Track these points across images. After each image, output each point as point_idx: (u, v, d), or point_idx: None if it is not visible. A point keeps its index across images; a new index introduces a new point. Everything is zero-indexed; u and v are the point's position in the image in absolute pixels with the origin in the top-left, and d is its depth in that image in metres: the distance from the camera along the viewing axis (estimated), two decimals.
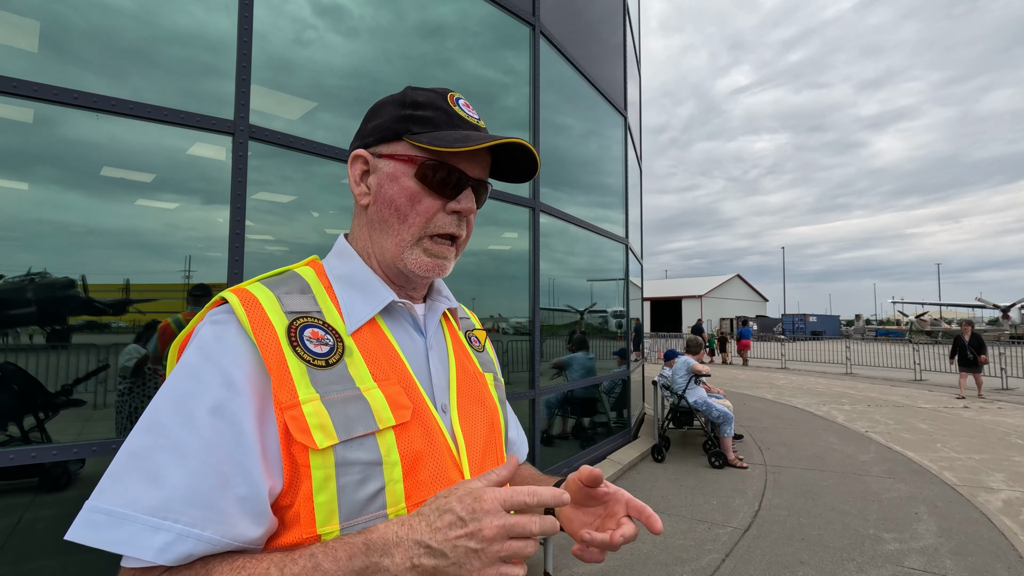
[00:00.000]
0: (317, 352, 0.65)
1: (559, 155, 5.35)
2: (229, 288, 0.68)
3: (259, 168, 2.70)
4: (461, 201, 0.73)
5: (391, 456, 0.64)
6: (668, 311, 48.61)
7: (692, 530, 3.99)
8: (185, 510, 0.54)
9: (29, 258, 2.16)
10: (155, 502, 0.53)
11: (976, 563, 3.45)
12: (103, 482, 0.56)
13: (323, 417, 0.61)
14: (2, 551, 2.04)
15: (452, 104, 0.75)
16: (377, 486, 0.63)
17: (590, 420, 5.95)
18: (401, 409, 0.66)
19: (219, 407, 0.58)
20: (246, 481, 0.57)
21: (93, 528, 0.53)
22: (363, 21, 3.64)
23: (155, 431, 0.57)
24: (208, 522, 0.54)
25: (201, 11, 2.61)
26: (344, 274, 0.75)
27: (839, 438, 6.99)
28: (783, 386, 12.53)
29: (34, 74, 2.10)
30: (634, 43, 8.05)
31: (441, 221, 0.74)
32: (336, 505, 0.61)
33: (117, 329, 2.38)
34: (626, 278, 7.10)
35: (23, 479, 2.13)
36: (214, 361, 0.60)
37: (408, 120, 0.73)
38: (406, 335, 0.76)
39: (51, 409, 2.18)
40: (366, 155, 0.75)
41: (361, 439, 0.62)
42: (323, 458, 0.60)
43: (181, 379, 0.60)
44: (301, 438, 0.60)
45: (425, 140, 0.71)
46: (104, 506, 0.54)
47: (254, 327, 0.63)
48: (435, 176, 0.71)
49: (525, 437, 1.03)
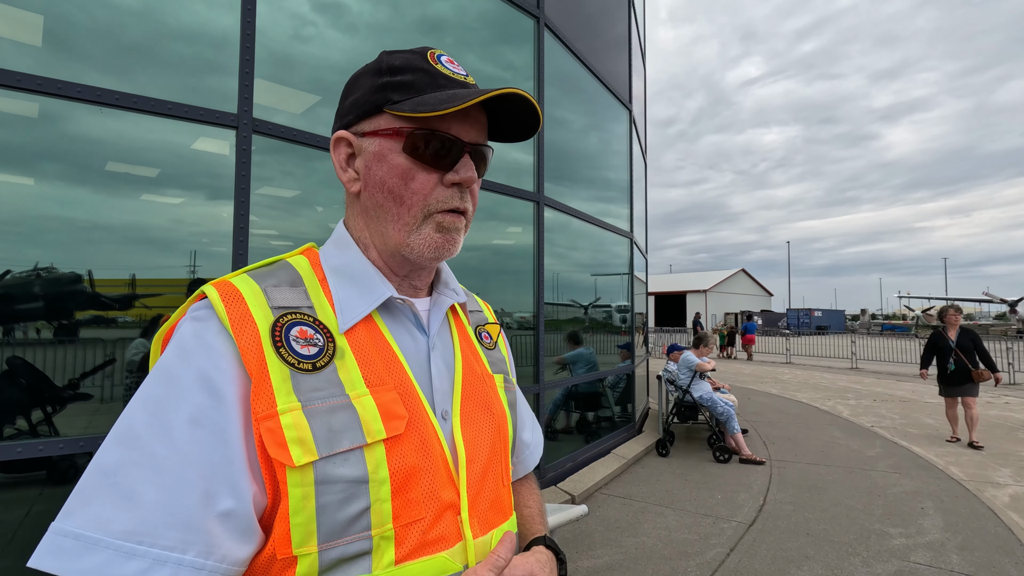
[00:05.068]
0: (303, 354, 0.58)
1: (563, 149, 5.33)
2: (212, 281, 0.62)
3: (262, 163, 2.71)
4: (460, 171, 0.65)
5: (379, 473, 0.57)
6: (672, 306, 48.51)
7: (697, 524, 3.99)
8: (163, 532, 0.49)
9: (36, 253, 2.17)
10: (128, 525, 0.48)
11: (983, 558, 3.44)
12: (71, 501, 0.50)
13: (303, 430, 0.55)
14: (11, 543, 2.06)
15: (434, 62, 0.66)
16: (362, 506, 0.56)
17: (594, 415, 5.95)
18: (394, 420, 0.60)
19: (198, 416, 0.53)
20: (232, 495, 0.52)
21: (60, 554, 0.48)
22: (361, 17, 3.63)
23: (128, 443, 0.52)
24: (189, 544, 0.49)
25: (204, 8, 2.60)
26: (339, 265, 0.68)
27: (844, 433, 6.97)
28: (788, 381, 12.48)
29: (38, 69, 2.10)
30: (639, 35, 7.99)
31: (442, 196, 0.66)
32: (315, 526, 0.55)
33: (124, 324, 2.39)
34: (630, 272, 7.08)
35: (31, 472, 2.15)
36: (193, 363, 0.55)
37: (386, 88, 0.64)
38: (406, 334, 0.69)
39: (58, 403, 2.20)
40: (348, 136, 0.68)
41: (346, 454, 0.56)
42: (301, 475, 0.54)
43: (157, 383, 0.55)
44: (276, 453, 0.53)
45: (407, 108, 0.62)
46: (72, 529, 0.48)
47: (234, 325, 0.57)
48: (426, 147, 0.63)
49: (541, 438, 0.94)
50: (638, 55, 7.84)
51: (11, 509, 2.12)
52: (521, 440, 0.86)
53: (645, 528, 3.93)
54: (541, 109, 0.68)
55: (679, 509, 4.31)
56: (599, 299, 6.32)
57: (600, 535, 3.81)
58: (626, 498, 4.57)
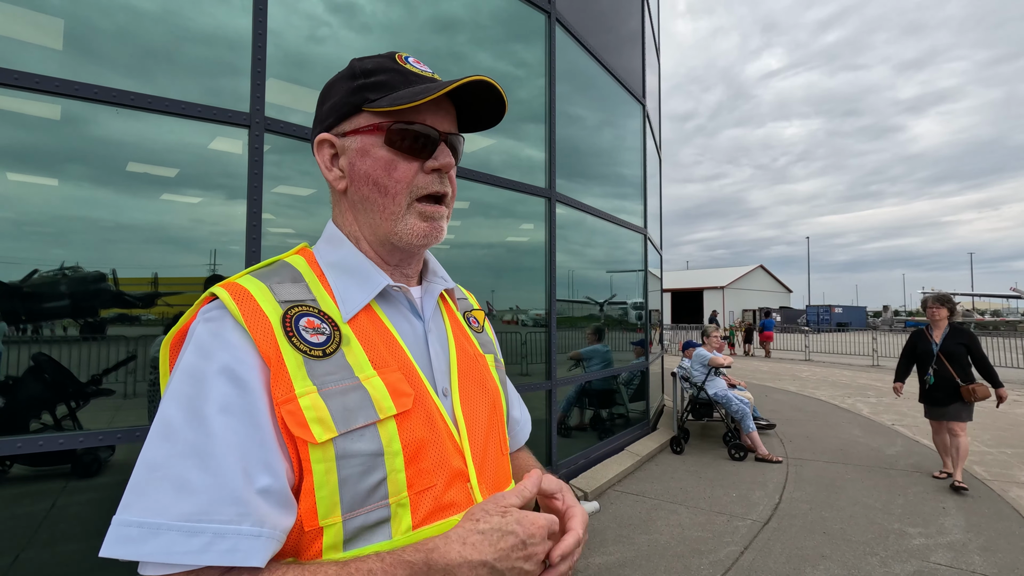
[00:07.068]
0: (314, 342, 0.63)
1: (576, 145, 5.31)
2: (219, 283, 0.66)
3: (279, 163, 2.75)
4: (438, 158, 0.71)
5: (393, 446, 0.63)
6: (689, 303, 48.03)
7: (711, 522, 3.97)
8: (218, 509, 0.53)
9: (62, 253, 2.24)
10: (186, 508, 0.53)
11: (1006, 559, 3.36)
12: (127, 496, 0.55)
13: (321, 410, 0.60)
14: (37, 534, 2.14)
15: (402, 63, 0.73)
16: (379, 476, 0.62)
17: (608, 411, 5.94)
18: (402, 397, 0.65)
19: (228, 405, 0.57)
20: (268, 472, 0.57)
21: (128, 542, 0.52)
22: (375, 17, 3.66)
23: (170, 438, 0.56)
24: (244, 516, 0.54)
25: (222, 11, 2.65)
26: (336, 261, 0.73)
27: (864, 431, 6.85)
28: (807, 378, 12.30)
29: (59, 72, 2.15)
30: (653, 29, 7.91)
31: (423, 182, 0.71)
32: (338, 498, 0.60)
33: (146, 322, 2.46)
34: (644, 269, 7.04)
35: (56, 465, 2.23)
36: (214, 359, 0.59)
37: (363, 89, 0.70)
38: (403, 319, 0.74)
39: (82, 398, 2.27)
40: (330, 138, 0.73)
41: (361, 430, 0.61)
42: (323, 452, 0.59)
43: (185, 382, 0.59)
44: (299, 432, 0.58)
45: (385, 104, 0.68)
46: (134, 519, 0.53)
47: (247, 320, 0.61)
48: (406, 139, 0.69)
49: (528, 415, 1.01)
50: (652, 49, 7.76)
51: (38, 501, 2.20)
52: (512, 417, 0.92)
53: (658, 525, 3.92)
54: (505, 95, 0.73)
55: (693, 507, 4.29)
56: (614, 296, 6.30)
57: (613, 532, 3.81)
58: (639, 495, 4.56)
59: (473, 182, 3.93)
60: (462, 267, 4.24)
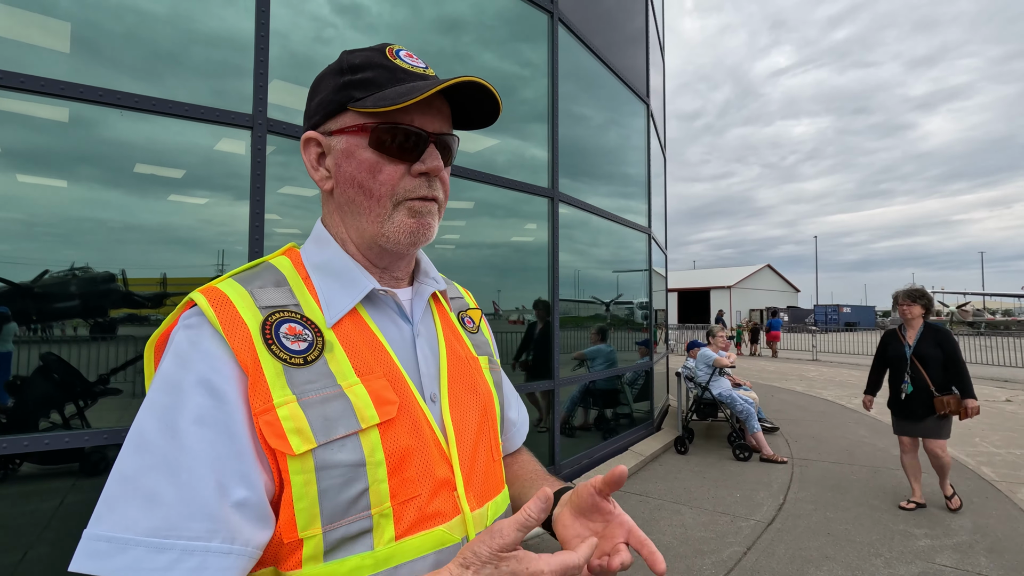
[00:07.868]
0: (294, 349, 0.61)
1: (580, 145, 5.31)
2: (199, 288, 0.64)
3: (286, 164, 2.78)
4: (426, 161, 0.68)
5: (375, 456, 0.60)
6: (696, 302, 47.85)
7: (714, 522, 3.97)
8: (187, 525, 0.52)
9: (72, 253, 2.28)
10: (154, 523, 0.51)
11: (1013, 561, 3.34)
12: (99, 508, 0.53)
13: (299, 420, 0.58)
14: (45, 531, 2.17)
15: (392, 57, 0.69)
16: (361, 487, 0.59)
17: (612, 411, 5.94)
18: (386, 405, 0.63)
19: (203, 416, 0.56)
20: (244, 485, 0.55)
21: (96, 557, 0.51)
22: (381, 18, 3.68)
23: (142, 450, 0.55)
24: (213, 533, 0.52)
25: (229, 13, 2.68)
26: (321, 262, 0.70)
27: (871, 431, 6.81)
28: (813, 378, 12.23)
29: (66, 75, 2.18)
30: (657, 28, 7.89)
31: (409, 185, 0.68)
32: (318, 510, 0.58)
33: (155, 321, 2.50)
34: (649, 268, 7.03)
35: (64, 464, 2.26)
36: (192, 369, 0.58)
37: (348, 87, 0.67)
38: (391, 323, 0.71)
39: (90, 397, 2.31)
40: (317, 136, 0.70)
41: (342, 440, 0.59)
42: (301, 463, 0.57)
43: (161, 392, 0.57)
44: (276, 444, 0.57)
45: (369, 103, 0.65)
46: (104, 533, 0.52)
47: (225, 327, 0.59)
48: (391, 140, 0.66)
49: (527, 416, 0.98)
50: (656, 48, 7.75)
51: (47, 499, 2.23)
52: (508, 419, 0.89)
53: (661, 526, 3.92)
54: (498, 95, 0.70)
55: (696, 507, 4.29)
56: (620, 295, 6.30)
57: None
58: (643, 495, 4.57)
59: (477, 182, 3.95)
60: (467, 267, 4.26)
